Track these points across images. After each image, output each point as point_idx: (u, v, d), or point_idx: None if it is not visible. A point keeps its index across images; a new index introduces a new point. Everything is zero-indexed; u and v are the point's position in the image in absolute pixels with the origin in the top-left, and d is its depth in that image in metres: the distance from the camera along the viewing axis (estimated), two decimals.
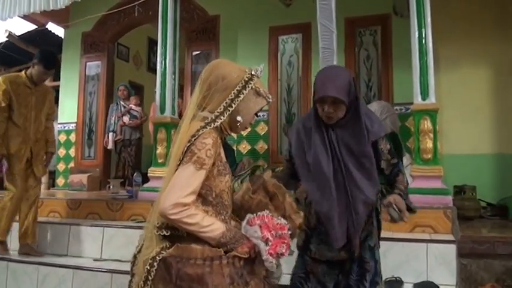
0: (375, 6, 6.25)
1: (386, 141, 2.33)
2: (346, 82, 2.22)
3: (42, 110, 4.40)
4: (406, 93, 5.07)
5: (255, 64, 6.00)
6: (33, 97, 4.30)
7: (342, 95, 2.18)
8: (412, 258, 3.28)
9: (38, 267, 4.13)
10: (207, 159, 1.75)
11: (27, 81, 4.27)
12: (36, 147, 4.36)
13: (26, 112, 4.26)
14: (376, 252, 2.38)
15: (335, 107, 2.21)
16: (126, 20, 8.18)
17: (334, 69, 2.47)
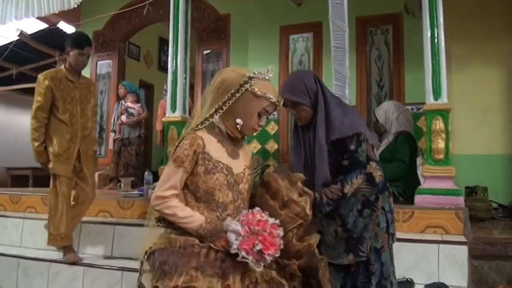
0: (386, 5, 6.22)
1: (352, 141, 2.31)
2: (301, 84, 2.33)
3: (88, 104, 4.11)
4: (418, 92, 5.03)
5: (266, 63, 6.09)
6: (76, 91, 4.01)
7: (294, 96, 2.33)
8: (423, 259, 3.28)
9: (49, 265, 4.16)
10: (184, 157, 1.96)
11: (68, 74, 3.98)
12: (85, 144, 4.06)
13: (72, 108, 3.95)
14: (382, 254, 2.36)
15: (296, 110, 2.38)
16: (137, 19, 8.21)
17: (292, 74, 2.62)
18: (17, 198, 5.38)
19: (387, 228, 2.40)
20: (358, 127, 2.30)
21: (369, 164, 2.38)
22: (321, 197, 2.26)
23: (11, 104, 12.08)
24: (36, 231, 4.67)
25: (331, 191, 2.27)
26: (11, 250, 4.58)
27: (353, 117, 2.37)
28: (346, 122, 2.31)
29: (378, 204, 2.35)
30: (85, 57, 4.00)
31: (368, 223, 2.33)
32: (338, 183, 2.28)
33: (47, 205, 4.97)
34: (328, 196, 2.26)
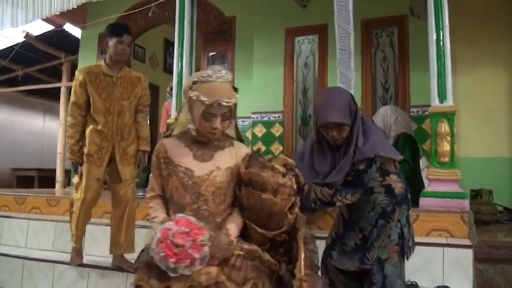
0: (391, 7, 6.21)
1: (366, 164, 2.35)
2: (346, 104, 2.34)
3: (130, 101, 3.71)
4: (423, 95, 5.02)
5: (271, 64, 6.10)
6: (115, 87, 3.66)
7: (343, 118, 2.31)
8: (428, 262, 3.26)
9: (54, 265, 4.17)
10: (153, 163, 2.20)
11: (106, 68, 3.67)
12: (121, 145, 3.69)
13: (108, 105, 3.62)
14: (386, 266, 2.34)
15: (338, 130, 2.35)
16: (143, 21, 8.21)
17: (333, 93, 2.53)
18: (22, 199, 5.40)
19: (402, 242, 2.38)
20: (375, 150, 2.33)
21: (388, 176, 2.38)
22: (309, 191, 2.28)
23: (17, 105, 12.12)
24: (41, 232, 4.69)
25: (321, 192, 2.30)
26: (15, 251, 4.59)
27: (373, 140, 2.37)
28: (364, 147, 2.33)
29: (394, 215, 2.33)
30: (125, 45, 3.66)
31: (381, 233, 2.32)
32: (333, 189, 2.31)
33: (52, 206, 5.02)
34: (317, 195, 2.29)
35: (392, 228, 2.34)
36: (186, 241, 1.81)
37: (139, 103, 3.81)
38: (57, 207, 5.04)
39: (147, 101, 3.89)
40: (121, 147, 3.69)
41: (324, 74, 6.54)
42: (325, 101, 2.43)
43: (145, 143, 3.84)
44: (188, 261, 1.80)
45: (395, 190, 2.35)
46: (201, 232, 1.86)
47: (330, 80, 6.37)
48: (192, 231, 1.84)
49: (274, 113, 6.79)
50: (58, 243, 4.55)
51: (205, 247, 1.84)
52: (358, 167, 2.32)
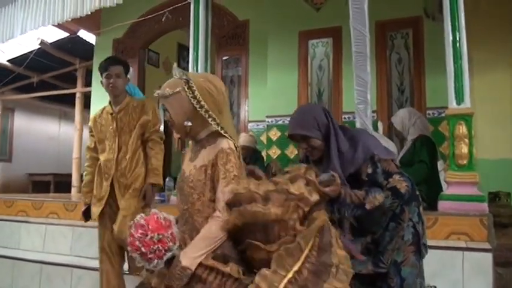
0: (405, 8, 6.16)
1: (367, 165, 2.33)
2: (311, 118, 2.36)
3: (131, 134, 3.50)
4: (439, 97, 5.00)
5: (285, 68, 6.11)
6: (114, 122, 3.50)
7: (306, 131, 2.35)
8: (447, 266, 3.24)
9: (72, 270, 4.21)
10: None
11: (109, 106, 3.59)
12: (121, 181, 3.46)
13: (111, 143, 3.50)
14: (403, 269, 2.31)
15: (307, 142, 2.39)
16: (157, 26, 8.25)
17: (300, 109, 2.63)
18: (39, 204, 5.44)
19: (418, 240, 2.36)
20: (369, 150, 2.33)
21: (391, 178, 2.35)
22: (345, 196, 2.23)
23: (32, 111, 12.25)
24: (58, 237, 4.73)
25: (355, 194, 2.25)
26: (33, 255, 4.66)
27: (362, 143, 2.36)
28: (357, 153, 2.33)
29: (404, 216, 2.31)
30: (113, 78, 3.44)
31: (394, 236, 2.30)
32: (363, 191, 2.27)
33: (69, 211, 5.06)
34: (352, 198, 2.24)
35: (404, 229, 2.32)
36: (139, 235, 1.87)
37: (146, 130, 3.55)
38: (74, 212, 5.07)
39: (153, 127, 3.58)
40: (121, 183, 3.47)
41: (338, 77, 6.51)
42: (292, 116, 2.50)
43: (153, 175, 3.52)
44: (138, 253, 1.88)
45: (401, 190, 2.31)
46: (157, 229, 1.88)
47: (345, 82, 6.34)
48: (147, 227, 1.88)
49: (289, 117, 6.69)
50: (76, 248, 4.59)
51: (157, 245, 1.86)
52: (367, 171, 2.31)
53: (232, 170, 1.97)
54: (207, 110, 2.01)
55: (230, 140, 2.03)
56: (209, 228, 1.93)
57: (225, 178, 1.96)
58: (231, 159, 1.98)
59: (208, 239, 1.91)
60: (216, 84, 2.06)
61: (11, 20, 6.43)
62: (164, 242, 1.88)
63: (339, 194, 2.20)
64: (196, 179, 2.03)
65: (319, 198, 1.99)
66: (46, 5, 5.97)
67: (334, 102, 6.54)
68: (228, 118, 2.12)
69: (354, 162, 2.31)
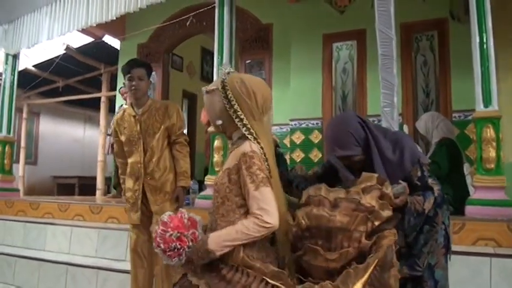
0: (431, 10, 6.11)
1: (417, 168, 2.23)
2: (348, 136, 2.24)
3: (157, 136, 3.50)
4: (465, 99, 4.94)
5: (309, 71, 6.08)
6: (138, 125, 3.49)
7: (346, 151, 2.24)
8: (475, 273, 3.17)
9: (98, 272, 4.24)
10: None
11: (131, 109, 3.56)
12: (151, 183, 3.48)
13: (137, 146, 3.49)
14: (436, 271, 2.26)
15: (348, 160, 2.28)
16: (181, 31, 8.33)
17: (335, 125, 2.43)
18: (65, 207, 5.51)
19: (448, 243, 2.33)
20: (415, 154, 2.25)
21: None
22: (411, 203, 2.15)
23: (58, 115, 12.45)
24: (84, 239, 4.77)
25: (417, 201, 2.16)
26: (59, 257, 4.69)
27: (409, 147, 2.28)
28: (405, 158, 2.24)
29: (438, 219, 2.27)
30: (135, 80, 3.44)
31: (428, 239, 2.26)
32: (420, 196, 2.18)
33: (94, 213, 5.11)
34: (416, 206, 2.16)
35: (438, 232, 2.29)
36: (160, 231, 1.90)
37: (171, 133, 3.57)
38: (100, 214, 5.13)
39: (179, 130, 3.60)
40: (152, 186, 3.49)
41: (363, 80, 6.48)
42: (327, 133, 2.39)
43: (182, 178, 3.56)
44: (159, 249, 1.90)
45: (434, 194, 2.29)
46: (177, 227, 1.89)
47: (370, 85, 6.30)
48: (169, 224, 1.90)
49: (312, 120, 6.74)
50: (101, 250, 4.62)
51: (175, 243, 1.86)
52: (417, 174, 2.23)
53: (259, 173, 1.88)
54: (235, 111, 1.97)
55: (254, 143, 1.96)
56: (247, 224, 1.84)
57: (254, 182, 1.87)
58: (255, 161, 1.90)
59: (242, 233, 1.83)
60: (253, 88, 1.98)
61: (36, 26, 6.56)
62: (183, 240, 1.88)
63: (406, 203, 2.14)
64: (220, 182, 1.99)
65: (392, 215, 1.94)
66: (72, 11, 6.09)
67: (359, 105, 6.50)
68: (261, 123, 2.02)
69: (403, 167, 2.22)
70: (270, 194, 1.86)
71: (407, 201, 2.13)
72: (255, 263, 1.84)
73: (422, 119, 4.68)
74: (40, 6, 6.50)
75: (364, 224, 1.85)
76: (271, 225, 1.81)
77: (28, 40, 6.67)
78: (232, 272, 1.86)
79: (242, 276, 1.84)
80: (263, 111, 2.01)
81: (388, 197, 1.95)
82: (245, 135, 1.97)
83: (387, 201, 1.93)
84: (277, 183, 1.97)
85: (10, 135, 6.96)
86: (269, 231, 1.84)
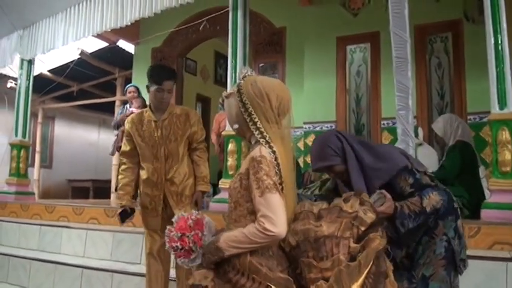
0: (444, 12, 6.07)
1: (405, 177, 2.23)
2: (325, 148, 2.31)
3: (177, 142, 3.48)
4: (480, 101, 4.89)
5: (322, 74, 6.03)
6: (159, 130, 3.45)
7: (325, 162, 2.30)
8: (491, 277, 3.12)
9: (113, 275, 4.25)
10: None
11: (150, 114, 3.49)
12: (172, 190, 3.47)
13: (155, 151, 3.45)
14: (430, 284, 2.20)
15: (332, 171, 2.35)
16: (194, 35, 8.39)
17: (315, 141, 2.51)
18: (80, 210, 5.55)
19: (451, 255, 2.24)
20: (399, 163, 2.25)
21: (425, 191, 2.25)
22: (402, 207, 2.14)
23: (73, 119, 12.56)
24: (99, 242, 4.80)
25: (411, 202, 2.15)
26: (74, 260, 4.72)
27: (391, 156, 2.29)
28: (386, 163, 2.25)
29: (438, 230, 2.22)
30: (165, 92, 3.42)
31: (425, 249, 2.22)
32: (416, 197, 2.18)
33: (109, 216, 5.13)
34: (410, 207, 2.14)
35: (437, 243, 2.24)
36: (167, 231, 1.94)
37: (192, 141, 3.58)
38: (115, 217, 5.11)
39: (200, 137, 3.63)
40: (173, 192, 3.48)
41: (377, 82, 6.45)
42: (311, 151, 2.45)
43: (203, 183, 3.58)
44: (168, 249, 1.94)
45: (436, 206, 2.20)
46: (180, 228, 1.91)
47: (384, 88, 6.28)
48: (175, 225, 1.94)
49: (326, 123, 6.73)
50: (116, 253, 4.64)
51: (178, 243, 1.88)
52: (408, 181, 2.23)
53: (266, 179, 1.81)
54: (250, 114, 1.94)
55: (266, 147, 1.91)
56: (252, 229, 1.79)
57: (259, 188, 1.81)
58: (262, 167, 1.84)
59: (246, 238, 1.80)
60: (266, 89, 1.93)
61: (52, 31, 6.62)
62: (184, 241, 1.88)
63: (395, 209, 2.13)
64: (233, 186, 1.96)
65: (375, 218, 1.89)
66: (86, 17, 6.14)
67: (373, 108, 6.48)
68: (278, 126, 1.97)
69: (381, 172, 2.23)
70: (276, 200, 1.80)
71: (396, 206, 2.13)
72: (261, 269, 1.80)
73: (440, 121, 4.62)
74: (55, 12, 6.56)
75: (350, 230, 1.83)
76: (274, 233, 1.75)
77: (43, 45, 6.73)
78: (238, 276, 1.83)
79: (247, 281, 1.81)
80: (280, 113, 1.97)
81: (368, 203, 1.92)
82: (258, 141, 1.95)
83: (368, 207, 1.90)
84: (290, 191, 1.92)
85: (25, 139, 7.02)
86: (273, 239, 1.79)
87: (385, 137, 6.24)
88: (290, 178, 1.92)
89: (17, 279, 4.97)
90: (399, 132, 3.88)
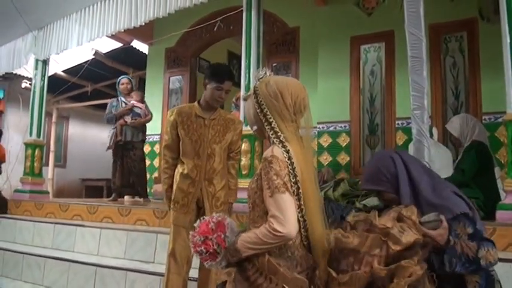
0: (459, 10, 6.03)
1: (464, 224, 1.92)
2: (377, 170, 2.17)
3: (221, 145, 3.45)
4: (496, 101, 4.85)
5: (336, 74, 6.01)
6: (207, 129, 3.41)
7: (373, 185, 2.19)
8: (506, 279, 3.04)
9: (126, 273, 4.27)
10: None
11: (199, 110, 3.42)
12: (210, 191, 3.43)
13: (198, 148, 3.38)
14: None
15: (381, 196, 2.21)
16: (208, 35, 8.44)
17: (369, 161, 2.41)
18: (94, 209, 5.58)
19: None
20: (461, 207, 1.96)
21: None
22: (455, 244, 1.87)
23: (87, 119, 12.62)
24: (112, 241, 4.82)
25: (466, 245, 1.86)
26: (88, 258, 4.74)
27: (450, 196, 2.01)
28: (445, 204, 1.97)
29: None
30: (223, 92, 3.36)
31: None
32: (473, 243, 1.88)
33: (123, 216, 5.15)
34: (464, 249, 1.86)
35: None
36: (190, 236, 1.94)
37: (230, 149, 3.56)
38: (129, 216, 5.17)
39: (238, 148, 3.65)
40: (209, 193, 3.42)
41: (391, 82, 6.42)
42: (365, 167, 2.34)
43: (234, 194, 3.62)
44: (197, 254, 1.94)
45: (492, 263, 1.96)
46: (203, 232, 1.91)
47: (398, 87, 6.25)
48: (197, 229, 1.93)
49: (340, 123, 6.71)
50: (130, 252, 4.66)
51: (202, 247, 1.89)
52: (466, 232, 1.93)
53: (275, 179, 1.79)
54: (265, 115, 1.94)
55: (279, 146, 1.89)
56: (263, 230, 1.80)
57: (269, 188, 1.80)
58: (273, 166, 1.82)
59: (258, 238, 1.80)
60: (279, 87, 1.93)
61: (66, 32, 6.69)
62: (208, 244, 1.87)
63: (447, 242, 1.87)
64: (250, 187, 1.96)
65: (417, 240, 1.75)
66: (101, 17, 6.20)
67: (387, 108, 6.45)
68: (294, 124, 1.96)
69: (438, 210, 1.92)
70: (284, 201, 1.78)
71: (449, 239, 1.87)
72: (279, 269, 1.79)
73: (455, 121, 4.56)
74: (70, 13, 6.62)
75: (378, 247, 1.73)
76: (282, 233, 1.73)
77: (58, 46, 6.80)
78: (256, 274, 1.83)
79: (265, 281, 1.81)
80: (296, 111, 1.94)
81: (410, 221, 1.80)
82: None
83: (410, 225, 1.78)
84: (309, 189, 1.88)
85: (40, 139, 7.09)
86: (282, 240, 1.77)
87: (400, 137, 6.21)
88: (309, 176, 1.90)
89: (31, 277, 5.01)
90: (414, 132, 3.84)
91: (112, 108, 6.81)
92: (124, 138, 6.70)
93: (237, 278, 1.88)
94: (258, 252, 1.83)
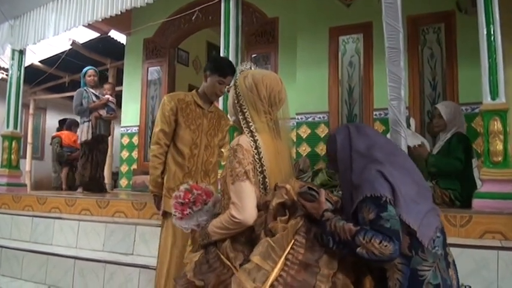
0: (437, 3, 6.10)
1: (369, 209, 1.76)
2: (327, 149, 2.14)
3: (216, 137, 3.46)
4: (472, 92, 4.90)
5: (315, 65, 6.03)
6: (204, 119, 3.38)
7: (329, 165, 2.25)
8: (482, 266, 3.15)
9: (105, 266, 4.26)
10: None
11: (198, 99, 3.37)
12: (205, 181, 3.34)
13: (196, 137, 3.33)
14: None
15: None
16: (186, 25, 8.39)
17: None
18: (72, 201, 5.52)
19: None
20: (373, 190, 1.78)
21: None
22: (327, 220, 1.80)
23: (64, 110, 12.44)
24: (91, 233, 4.80)
25: (343, 226, 1.75)
26: (67, 251, 4.72)
27: (371, 177, 1.83)
28: (362, 185, 1.83)
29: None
30: (223, 86, 3.31)
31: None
32: (357, 227, 1.74)
33: (101, 208, 5.12)
34: (337, 228, 1.76)
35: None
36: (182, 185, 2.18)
37: (221, 143, 3.56)
38: (107, 208, 5.12)
39: (223, 145, 3.61)
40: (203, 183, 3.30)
41: (369, 73, 6.47)
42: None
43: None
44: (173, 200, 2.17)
45: (396, 244, 1.74)
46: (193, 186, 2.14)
47: (376, 78, 6.30)
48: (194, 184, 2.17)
49: (319, 114, 6.75)
50: (108, 244, 4.64)
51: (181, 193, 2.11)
52: (369, 217, 1.77)
53: (237, 167, 1.86)
54: (241, 105, 2.01)
55: (247, 136, 1.94)
56: (225, 216, 1.89)
57: (231, 176, 1.87)
58: (237, 155, 1.88)
59: (220, 223, 1.91)
60: (255, 79, 2.00)
61: (43, 21, 6.56)
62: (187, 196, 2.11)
63: (321, 216, 1.83)
64: (222, 175, 2.04)
65: (280, 202, 1.85)
66: (78, 6, 6.09)
67: (365, 98, 6.50)
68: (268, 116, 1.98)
69: (356, 192, 1.83)
70: (244, 189, 1.86)
71: (323, 214, 1.83)
72: (230, 253, 1.87)
73: (450, 106, 4.50)
74: (46, 2, 6.49)
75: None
76: (239, 219, 1.83)
77: (34, 36, 6.67)
78: (215, 258, 1.91)
79: (220, 265, 1.88)
80: (271, 103, 2.00)
81: (283, 190, 1.88)
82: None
83: (282, 193, 1.88)
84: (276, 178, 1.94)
85: (17, 131, 6.98)
86: (239, 226, 1.85)
87: (377, 127, 6.25)
88: (278, 166, 1.96)
89: (10, 271, 4.97)
90: (391, 123, 3.87)
91: (83, 99, 6.71)
92: (98, 132, 6.70)
93: (200, 260, 1.96)
94: (223, 237, 1.91)
